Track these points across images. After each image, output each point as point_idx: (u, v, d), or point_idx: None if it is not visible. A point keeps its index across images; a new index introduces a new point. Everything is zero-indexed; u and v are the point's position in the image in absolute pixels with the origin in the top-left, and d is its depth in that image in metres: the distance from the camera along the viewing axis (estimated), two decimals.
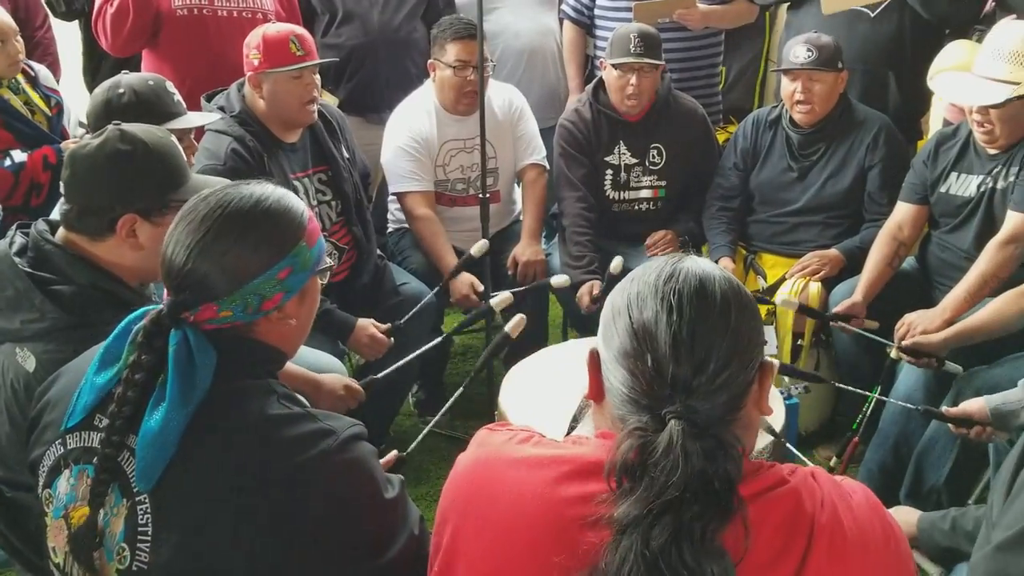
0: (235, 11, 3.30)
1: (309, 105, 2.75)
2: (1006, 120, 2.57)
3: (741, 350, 1.03)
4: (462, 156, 3.37)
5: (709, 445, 0.96)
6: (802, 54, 3.05)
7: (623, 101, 3.28)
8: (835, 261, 3.11)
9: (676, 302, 1.03)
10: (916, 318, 2.63)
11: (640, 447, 0.97)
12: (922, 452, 2.53)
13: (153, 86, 2.33)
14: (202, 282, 1.26)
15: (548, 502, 1.03)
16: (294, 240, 1.32)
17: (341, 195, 2.91)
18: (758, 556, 0.97)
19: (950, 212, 2.82)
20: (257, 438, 1.22)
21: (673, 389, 1.01)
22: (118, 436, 1.22)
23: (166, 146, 1.74)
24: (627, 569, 0.93)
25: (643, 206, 3.47)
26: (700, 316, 1.02)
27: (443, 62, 3.22)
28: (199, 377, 1.22)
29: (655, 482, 0.95)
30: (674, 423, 0.97)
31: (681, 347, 1.01)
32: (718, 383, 1.01)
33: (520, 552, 1.05)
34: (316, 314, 2.77)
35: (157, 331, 1.24)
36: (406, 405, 3.40)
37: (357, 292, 2.95)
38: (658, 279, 1.06)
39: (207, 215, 1.28)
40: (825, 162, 3.20)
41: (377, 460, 1.33)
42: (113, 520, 1.22)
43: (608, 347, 1.07)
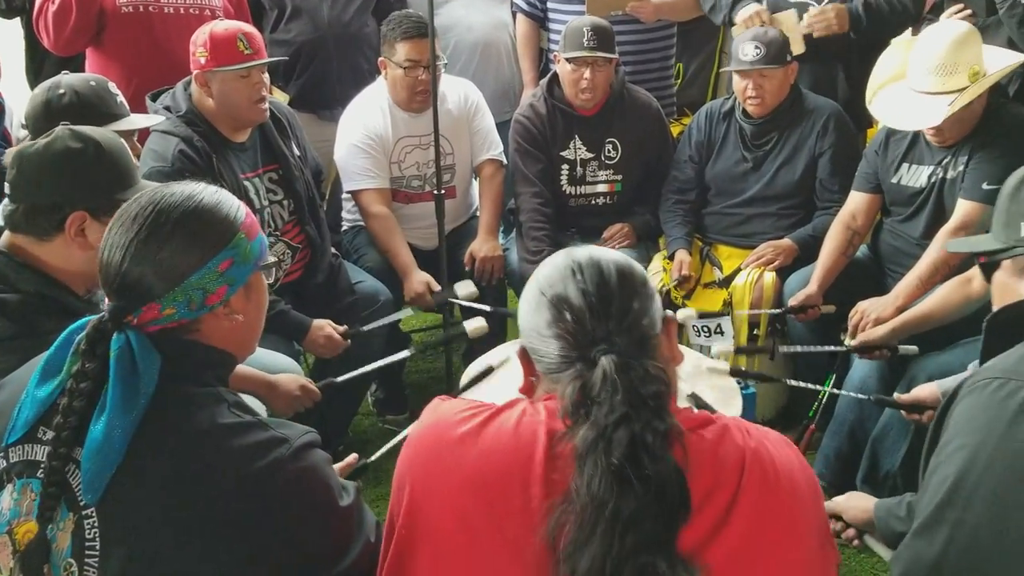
0: (182, 7, 3.24)
1: (259, 104, 2.71)
2: (951, 125, 2.61)
3: (642, 301, 1.19)
4: (417, 152, 3.34)
5: (638, 372, 1.11)
6: (751, 52, 3.07)
7: (577, 95, 3.28)
8: (789, 251, 3.15)
9: (578, 268, 1.20)
10: (869, 306, 2.67)
11: (581, 387, 1.11)
12: (877, 438, 2.57)
13: (95, 87, 2.28)
14: (140, 282, 1.24)
15: (515, 443, 1.13)
16: (231, 233, 1.30)
17: (293, 194, 2.87)
18: (693, 492, 1.06)
19: (902, 201, 2.86)
20: (208, 447, 1.20)
21: (595, 335, 1.15)
22: (65, 448, 1.19)
23: (118, 147, 1.73)
24: (596, 483, 1.03)
25: (600, 200, 3.48)
26: (600, 277, 1.19)
27: (393, 61, 3.19)
28: (143, 382, 1.19)
29: (602, 407, 1.08)
30: (604, 359, 1.11)
31: (591, 298, 1.17)
32: (628, 323, 1.16)
33: (489, 496, 1.12)
34: (271, 315, 2.74)
35: (100, 337, 1.22)
36: (365, 404, 3.38)
37: (311, 292, 2.92)
38: (559, 262, 1.23)
39: (139, 214, 1.27)
40: (778, 151, 3.23)
41: (331, 467, 1.31)
42: (60, 535, 1.19)
43: (535, 330, 1.20)
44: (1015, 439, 1.20)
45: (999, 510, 1.20)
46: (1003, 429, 1.21)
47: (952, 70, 2.56)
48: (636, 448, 1.04)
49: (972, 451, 1.23)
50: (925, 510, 1.28)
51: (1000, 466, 1.20)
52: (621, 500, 1.02)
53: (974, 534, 1.20)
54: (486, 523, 1.11)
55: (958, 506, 1.22)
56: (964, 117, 2.61)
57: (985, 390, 1.27)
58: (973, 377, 1.31)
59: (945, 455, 1.27)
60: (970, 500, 1.21)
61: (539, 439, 1.12)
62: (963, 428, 1.27)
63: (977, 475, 1.21)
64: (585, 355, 1.14)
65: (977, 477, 1.21)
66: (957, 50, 2.56)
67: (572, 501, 1.04)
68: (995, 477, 1.20)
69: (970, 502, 1.21)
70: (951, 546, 1.22)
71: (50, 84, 2.27)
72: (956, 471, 1.24)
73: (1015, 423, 1.20)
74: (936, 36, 2.64)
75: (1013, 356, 1.31)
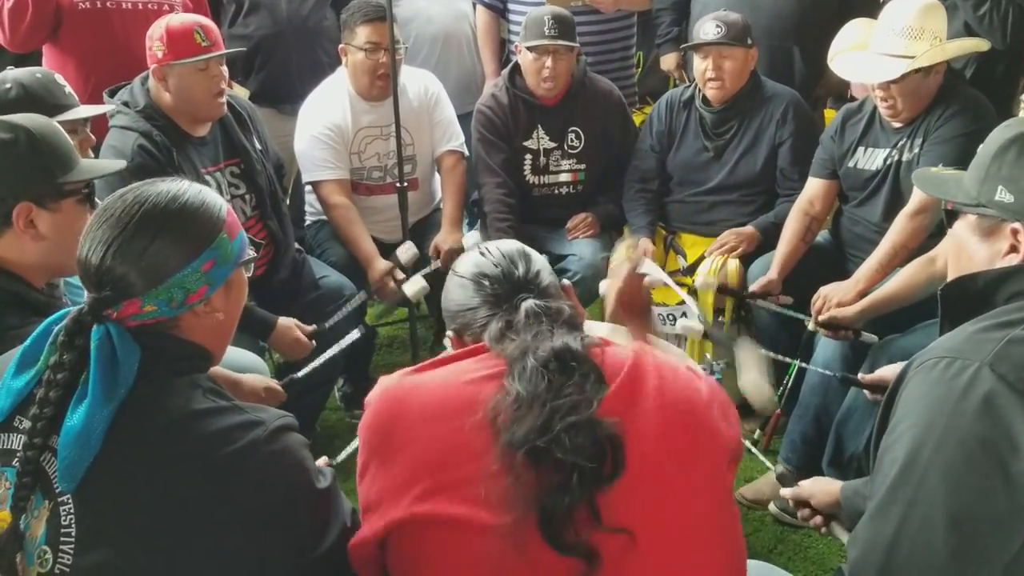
0: (140, 3, 3.20)
1: (218, 97, 2.68)
2: (907, 94, 2.64)
3: (540, 266, 1.42)
4: (378, 143, 3.32)
5: (555, 307, 1.32)
6: (711, 31, 3.08)
7: (539, 84, 3.28)
8: (751, 238, 3.17)
9: (485, 250, 1.42)
10: (831, 290, 2.70)
11: (506, 322, 1.30)
12: (841, 421, 2.60)
13: (41, 79, 2.25)
14: (122, 279, 1.25)
15: (462, 387, 1.26)
16: (214, 233, 1.31)
17: (255, 188, 2.84)
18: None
19: (858, 186, 2.89)
20: (183, 432, 1.20)
21: (513, 289, 1.36)
22: (40, 438, 1.19)
23: (50, 131, 1.70)
24: (528, 374, 1.21)
25: (563, 190, 3.48)
26: (502, 253, 1.41)
27: (354, 45, 3.16)
28: (122, 374, 1.20)
29: (529, 328, 1.28)
30: (526, 302, 1.32)
31: (502, 267, 1.38)
32: (536, 281, 1.38)
33: (453, 431, 1.22)
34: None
35: (79, 329, 1.22)
36: (332, 399, 3.36)
37: (276, 287, 2.89)
38: (467, 255, 1.45)
39: (124, 213, 1.26)
40: (738, 140, 3.25)
41: (307, 450, 1.31)
42: (34, 522, 1.19)
43: (462, 306, 1.38)
44: (964, 416, 1.20)
45: (952, 488, 1.20)
46: (952, 407, 1.22)
47: (918, 35, 2.59)
48: (558, 350, 1.23)
49: (922, 431, 1.24)
50: (878, 491, 1.28)
51: (951, 445, 1.20)
52: (550, 386, 1.19)
53: (928, 513, 1.21)
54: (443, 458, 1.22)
55: (911, 486, 1.23)
56: (920, 90, 2.64)
57: (933, 370, 1.27)
58: (920, 357, 1.31)
59: (895, 436, 1.28)
60: (923, 480, 1.22)
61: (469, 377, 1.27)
62: (912, 408, 1.27)
63: (928, 455, 1.22)
64: (509, 305, 1.33)
65: (928, 457, 1.22)
66: (924, 16, 2.61)
67: (507, 389, 1.20)
68: (946, 456, 1.20)
69: (923, 482, 1.22)
70: (905, 526, 1.22)
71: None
72: (907, 451, 1.24)
73: (963, 401, 1.21)
74: (904, 4, 2.67)
75: (960, 335, 1.31)
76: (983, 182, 1.41)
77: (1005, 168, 1.39)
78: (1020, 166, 1.37)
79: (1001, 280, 1.35)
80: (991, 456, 1.18)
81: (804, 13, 3.37)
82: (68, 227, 1.64)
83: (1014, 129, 1.43)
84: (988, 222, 1.41)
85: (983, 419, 1.20)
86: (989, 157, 1.42)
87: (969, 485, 1.19)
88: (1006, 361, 1.22)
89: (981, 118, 2.62)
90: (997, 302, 1.34)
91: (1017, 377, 1.21)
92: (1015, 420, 1.18)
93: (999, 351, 1.23)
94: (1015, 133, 1.41)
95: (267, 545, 1.22)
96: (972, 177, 1.45)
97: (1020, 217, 1.36)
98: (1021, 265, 1.35)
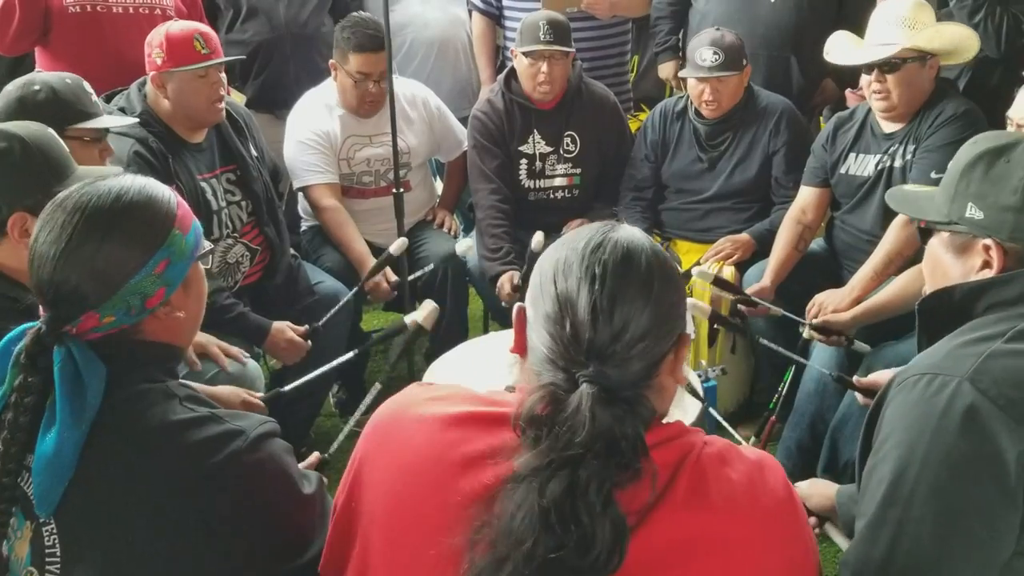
0: (131, 7, 3.18)
1: (216, 104, 2.68)
2: (902, 84, 2.65)
3: (660, 322, 1.06)
4: (367, 150, 3.33)
5: (620, 411, 1.00)
6: (708, 57, 3.09)
7: (535, 89, 3.29)
8: (747, 245, 3.18)
9: (599, 272, 1.05)
10: (825, 298, 2.71)
11: (551, 402, 1.01)
12: (836, 428, 2.60)
13: (71, 84, 2.24)
14: (75, 292, 1.19)
15: (445, 448, 1.06)
16: (165, 230, 1.25)
17: (251, 195, 2.84)
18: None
19: (850, 192, 2.90)
20: (162, 446, 1.17)
21: (588, 355, 1.03)
22: (14, 464, 1.16)
23: (45, 138, 1.68)
24: (520, 515, 0.95)
25: (559, 194, 3.49)
26: (622, 287, 1.05)
27: (344, 69, 3.17)
28: (89, 395, 1.16)
29: (559, 438, 0.98)
30: (586, 386, 1.01)
31: (600, 316, 1.03)
32: (634, 352, 1.04)
33: (416, 496, 1.06)
34: (230, 318, 2.68)
35: (39, 350, 1.18)
36: (327, 406, 3.35)
37: (271, 293, 2.89)
38: (586, 247, 1.09)
39: (66, 221, 1.20)
40: (732, 151, 3.27)
41: (292, 456, 1.29)
42: (17, 544, 1.18)
43: (535, 309, 1.10)
44: (947, 433, 1.19)
45: (940, 506, 1.19)
46: (935, 425, 1.21)
47: (913, 24, 2.62)
48: (573, 496, 0.95)
49: (907, 450, 1.22)
50: (867, 512, 1.27)
51: (936, 462, 1.20)
52: (539, 543, 0.94)
53: (917, 532, 1.20)
54: (415, 514, 1.07)
55: (899, 506, 1.21)
56: (915, 81, 2.66)
57: (915, 388, 1.25)
58: (901, 374, 1.30)
59: (881, 455, 1.26)
60: (910, 499, 1.21)
61: (483, 453, 1.04)
62: (896, 426, 1.26)
63: (915, 473, 1.21)
64: (569, 371, 1.04)
65: (915, 475, 1.21)
66: (919, 10, 2.65)
67: (491, 524, 0.97)
68: (932, 474, 1.20)
69: (911, 501, 1.21)
70: (896, 546, 1.21)
71: (24, 81, 2.21)
72: (892, 471, 1.23)
73: (945, 417, 1.20)
74: (896, 1, 2.71)
75: (940, 351, 1.30)
76: (953, 200, 1.40)
77: (973, 185, 1.38)
78: (988, 182, 1.36)
79: (978, 292, 1.34)
80: (977, 471, 1.18)
81: (802, 23, 3.38)
82: None
83: (980, 145, 1.41)
84: (961, 239, 1.40)
85: (967, 435, 1.19)
86: (957, 174, 1.41)
87: (957, 501, 1.19)
88: (986, 375, 1.22)
89: (972, 125, 2.64)
90: (975, 314, 1.34)
91: (998, 392, 1.20)
92: (998, 434, 1.18)
93: (979, 366, 1.23)
94: (981, 150, 1.40)
95: (252, 554, 1.20)
96: (942, 195, 1.44)
97: (991, 233, 1.35)
98: (997, 277, 1.34)
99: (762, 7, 3.39)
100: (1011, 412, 1.18)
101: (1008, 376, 1.22)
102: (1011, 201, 1.33)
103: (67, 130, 2.12)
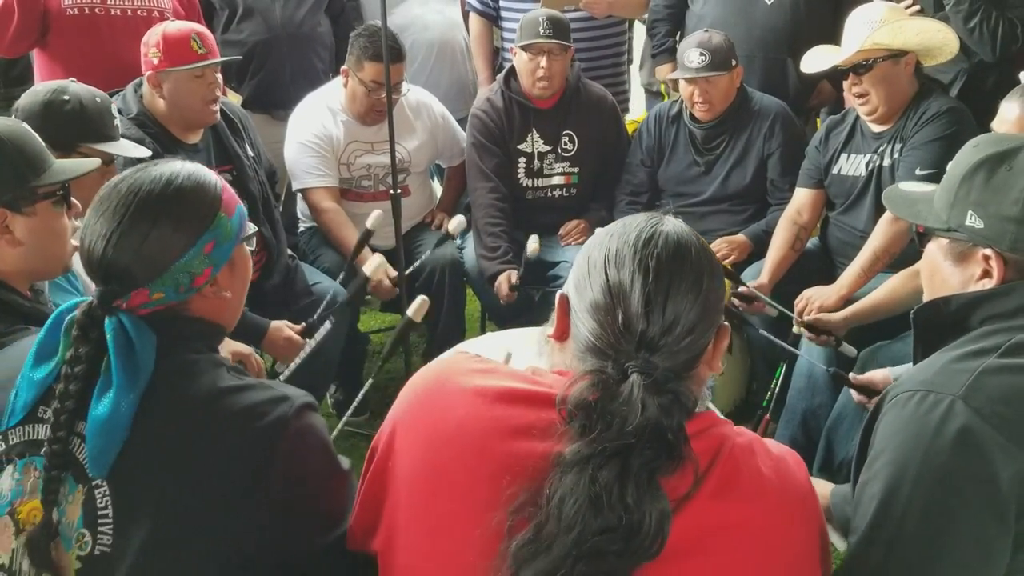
0: (129, 9, 3.18)
1: (212, 105, 2.68)
2: (877, 82, 2.69)
3: (707, 315, 1.10)
4: (368, 156, 3.34)
5: (667, 400, 1.02)
6: (696, 59, 3.11)
7: (534, 84, 3.30)
8: (743, 246, 3.20)
9: (654, 266, 1.08)
10: (814, 293, 2.74)
11: (601, 390, 1.02)
12: (831, 427, 2.61)
13: (99, 103, 2.23)
14: (126, 270, 1.24)
15: (489, 422, 1.07)
16: (212, 213, 1.30)
17: (247, 195, 2.84)
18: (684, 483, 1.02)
19: (843, 193, 2.93)
20: (213, 409, 1.21)
21: (639, 345, 1.06)
22: (64, 431, 1.19)
23: (19, 133, 1.65)
24: (572, 501, 0.97)
25: (556, 192, 3.50)
26: (675, 282, 1.08)
27: (358, 77, 3.18)
28: (142, 360, 1.20)
29: (611, 426, 1.00)
30: (636, 376, 1.03)
31: (653, 308, 1.06)
32: (683, 344, 1.07)
33: (461, 468, 1.07)
34: None
35: (90, 323, 1.22)
36: (325, 406, 3.36)
37: (268, 293, 2.89)
38: (637, 240, 1.11)
39: (120, 203, 1.26)
40: (728, 154, 3.28)
41: (328, 431, 1.31)
42: (69, 508, 1.19)
43: (581, 297, 1.12)
44: (940, 453, 1.18)
45: (931, 527, 1.18)
46: (927, 444, 1.19)
47: (880, 25, 2.65)
48: (625, 482, 0.98)
49: (899, 468, 1.21)
50: (858, 529, 1.25)
51: (928, 482, 1.18)
52: (588, 527, 0.96)
53: (908, 552, 1.19)
54: (450, 482, 1.08)
55: (891, 524, 1.20)
56: (890, 79, 2.70)
57: (908, 404, 1.23)
58: (895, 389, 1.28)
59: (873, 472, 1.25)
60: (903, 517, 1.19)
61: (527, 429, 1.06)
62: (888, 444, 1.24)
63: (907, 493, 1.19)
64: (619, 360, 1.06)
65: (907, 495, 1.19)
66: (887, 12, 2.69)
67: (540, 506, 0.99)
68: (924, 494, 1.18)
69: (903, 519, 1.19)
70: (887, 564, 1.20)
71: (56, 87, 2.20)
72: (884, 488, 1.21)
73: (938, 436, 1.18)
74: (867, 6, 2.77)
75: (934, 365, 1.28)
76: (952, 206, 1.36)
77: (974, 192, 1.34)
78: (989, 190, 1.32)
79: (975, 304, 1.31)
80: (969, 492, 1.17)
81: (798, 25, 3.39)
82: (45, 230, 1.62)
83: (982, 150, 1.36)
84: (960, 246, 1.36)
85: (960, 454, 1.17)
86: (957, 180, 1.36)
87: (949, 522, 1.17)
88: (979, 393, 1.19)
89: (957, 123, 2.67)
90: (971, 326, 1.31)
91: (992, 410, 1.18)
92: (991, 453, 1.16)
93: (972, 383, 1.21)
94: (983, 156, 1.35)
95: (292, 524, 1.22)
96: (942, 200, 1.39)
97: (991, 243, 1.31)
98: (995, 289, 1.31)
99: (758, 10, 3.40)
100: (1004, 431, 1.17)
101: (1002, 394, 1.20)
102: (1013, 212, 1.29)
103: (81, 146, 2.13)
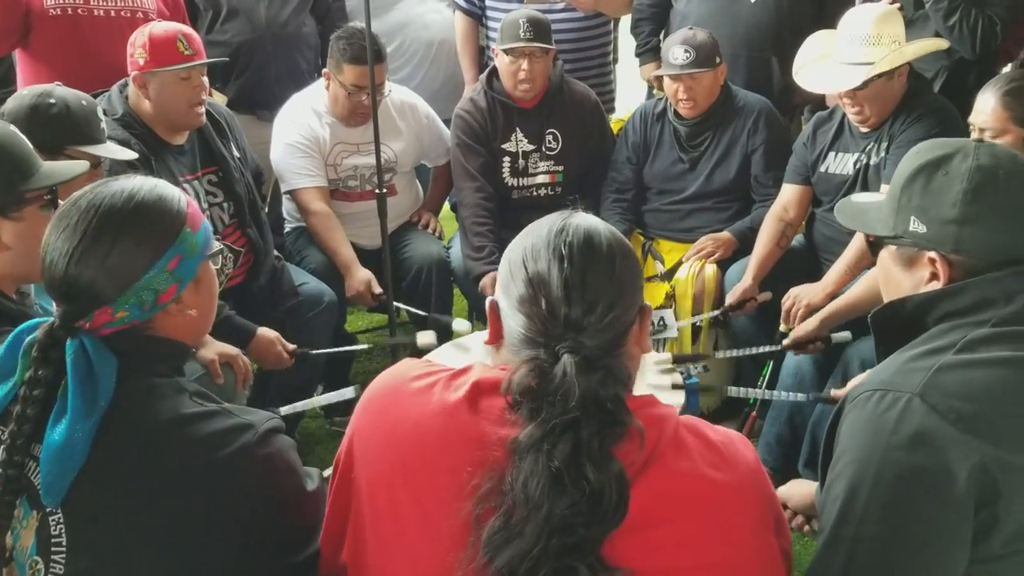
0: (112, 10, 3.16)
1: (197, 107, 2.68)
2: (872, 99, 2.71)
3: (625, 294, 1.16)
4: (355, 157, 3.34)
5: (600, 375, 1.08)
6: (680, 56, 3.12)
7: (516, 86, 3.31)
8: (728, 243, 3.21)
9: (567, 252, 1.14)
10: (801, 291, 2.76)
11: (538, 375, 1.08)
12: (816, 423, 2.63)
13: (86, 107, 2.24)
14: (89, 288, 1.22)
15: (443, 416, 1.12)
16: (176, 228, 1.28)
17: (233, 196, 2.84)
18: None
19: (830, 190, 2.95)
20: (173, 438, 1.19)
21: (565, 328, 1.12)
22: (20, 456, 1.18)
23: (7, 136, 1.65)
24: (534, 482, 1.02)
25: (541, 191, 3.51)
26: (589, 265, 1.14)
27: (339, 80, 3.17)
28: (101, 386, 1.18)
29: (554, 406, 1.06)
30: (567, 357, 1.09)
31: (573, 291, 1.12)
32: (605, 323, 1.13)
33: (422, 464, 1.12)
34: (216, 321, 2.70)
35: (52, 344, 1.20)
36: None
37: (255, 294, 2.89)
38: (550, 232, 1.18)
39: (80, 219, 1.23)
40: (712, 151, 3.30)
41: (295, 452, 1.31)
42: (23, 533, 1.18)
43: (507, 296, 1.17)
44: (898, 450, 1.20)
45: (893, 524, 1.20)
46: (885, 441, 1.21)
47: (876, 41, 2.67)
48: (579, 455, 1.03)
49: (860, 467, 1.22)
50: (824, 528, 1.27)
51: (887, 480, 1.20)
52: (555, 504, 1.01)
53: (871, 549, 1.20)
54: (412, 479, 1.12)
55: (854, 523, 1.22)
56: (884, 94, 2.71)
57: (867, 404, 1.26)
58: (855, 390, 1.30)
59: (836, 472, 1.26)
60: (865, 515, 1.21)
61: (480, 418, 1.11)
62: (850, 443, 1.26)
63: (867, 491, 1.21)
64: (549, 344, 1.11)
65: (867, 493, 1.21)
66: (881, 23, 2.69)
67: (504, 493, 1.04)
68: (884, 491, 1.20)
69: (865, 517, 1.21)
70: (852, 563, 1.21)
71: (42, 91, 2.20)
72: (845, 488, 1.23)
73: (895, 434, 1.20)
74: (861, 12, 2.77)
75: (892, 365, 1.31)
76: (897, 213, 1.39)
77: (915, 198, 1.37)
78: (928, 195, 1.35)
79: (930, 303, 1.34)
80: (928, 487, 1.18)
81: (781, 23, 3.40)
82: (33, 234, 1.59)
83: (920, 157, 1.40)
84: (907, 252, 1.40)
85: (917, 451, 1.19)
86: (899, 188, 1.40)
87: (909, 518, 1.19)
88: (936, 390, 1.22)
89: (944, 122, 2.70)
90: (928, 325, 1.34)
91: (948, 406, 1.20)
92: (948, 449, 1.18)
93: (928, 380, 1.23)
94: (922, 162, 1.38)
95: (257, 548, 1.21)
96: (887, 208, 1.42)
97: (936, 246, 1.34)
98: (949, 288, 1.34)
99: (742, 8, 3.41)
100: (960, 426, 1.19)
101: (958, 389, 1.22)
102: (952, 214, 1.32)
103: (68, 149, 2.13)
